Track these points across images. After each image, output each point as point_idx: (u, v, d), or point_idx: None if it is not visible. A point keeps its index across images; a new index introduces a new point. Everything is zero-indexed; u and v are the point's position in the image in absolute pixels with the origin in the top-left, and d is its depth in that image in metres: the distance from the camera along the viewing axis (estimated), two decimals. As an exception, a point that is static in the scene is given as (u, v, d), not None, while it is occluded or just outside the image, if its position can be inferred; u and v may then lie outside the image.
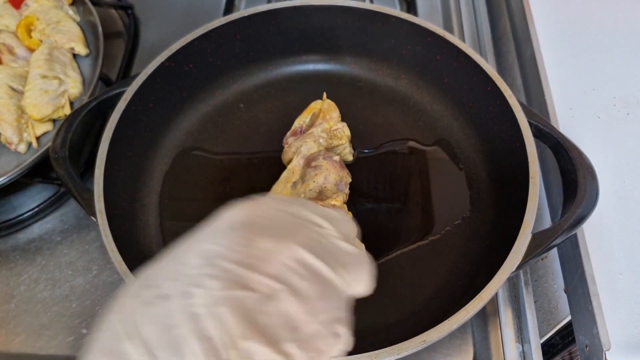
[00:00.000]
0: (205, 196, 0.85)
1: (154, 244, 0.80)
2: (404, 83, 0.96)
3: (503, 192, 0.80)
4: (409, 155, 0.89)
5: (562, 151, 0.73)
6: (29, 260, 0.85)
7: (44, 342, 0.77)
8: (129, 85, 0.82)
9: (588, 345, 0.67)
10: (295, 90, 0.97)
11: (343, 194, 0.78)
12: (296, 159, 0.83)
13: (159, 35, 1.14)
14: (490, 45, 1.05)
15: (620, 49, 0.94)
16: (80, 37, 0.99)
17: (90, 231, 0.87)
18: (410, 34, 0.90)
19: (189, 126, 0.93)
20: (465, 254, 0.78)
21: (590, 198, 0.67)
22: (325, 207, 0.45)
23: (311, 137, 0.84)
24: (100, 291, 0.81)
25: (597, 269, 0.69)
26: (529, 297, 0.77)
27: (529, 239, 0.66)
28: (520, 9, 1.01)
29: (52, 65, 0.93)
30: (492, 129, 0.83)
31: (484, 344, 0.76)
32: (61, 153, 0.74)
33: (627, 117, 0.86)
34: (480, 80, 0.83)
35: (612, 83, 0.89)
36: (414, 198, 0.84)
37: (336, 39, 0.97)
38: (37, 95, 0.89)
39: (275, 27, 0.94)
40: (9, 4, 1.03)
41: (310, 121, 0.88)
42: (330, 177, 0.79)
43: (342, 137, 0.85)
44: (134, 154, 0.83)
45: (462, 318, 0.61)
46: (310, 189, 0.79)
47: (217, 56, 0.93)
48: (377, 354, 0.58)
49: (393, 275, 0.76)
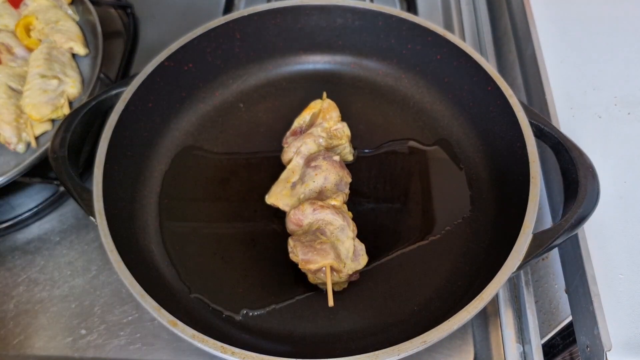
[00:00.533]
0: (205, 196, 0.85)
1: (153, 244, 0.79)
2: (404, 83, 0.96)
3: (503, 192, 0.80)
4: (409, 155, 0.89)
5: (562, 151, 0.72)
6: (27, 260, 0.84)
7: (43, 342, 0.77)
8: (129, 85, 0.82)
9: (589, 345, 0.67)
10: (295, 90, 0.97)
11: (343, 194, 0.78)
12: (296, 159, 0.83)
13: (159, 34, 1.14)
14: (490, 45, 1.05)
15: (621, 49, 0.93)
16: (79, 37, 0.99)
17: (89, 231, 0.87)
18: (411, 34, 0.90)
19: (189, 126, 0.92)
20: (466, 254, 0.78)
21: (591, 198, 0.67)
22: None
23: (311, 137, 0.84)
24: (99, 292, 0.81)
25: (598, 270, 0.69)
26: (530, 298, 0.76)
27: (529, 239, 0.65)
28: (521, 9, 1.00)
29: (51, 65, 0.93)
30: (493, 129, 0.83)
31: (485, 344, 0.76)
32: (60, 153, 0.74)
33: (628, 116, 0.85)
34: (481, 79, 0.83)
35: (613, 83, 0.89)
36: (414, 198, 0.84)
37: (336, 38, 0.96)
38: (36, 95, 0.88)
39: (275, 26, 0.94)
40: (7, 3, 1.02)
41: (310, 121, 0.88)
42: (330, 177, 0.79)
43: (342, 137, 0.85)
44: (133, 153, 0.83)
45: (463, 318, 0.61)
46: (310, 189, 0.78)
47: (217, 56, 0.93)
48: (377, 354, 0.58)
49: (393, 275, 0.76)
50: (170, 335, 0.76)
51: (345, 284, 0.74)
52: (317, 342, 0.71)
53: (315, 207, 0.74)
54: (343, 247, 0.72)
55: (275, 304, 0.74)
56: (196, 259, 0.78)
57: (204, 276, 0.77)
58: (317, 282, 0.73)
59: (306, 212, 0.74)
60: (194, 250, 0.79)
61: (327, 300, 0.68)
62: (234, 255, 0.79)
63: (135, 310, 0.79)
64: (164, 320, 0.62)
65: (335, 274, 0.71)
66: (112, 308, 0.79)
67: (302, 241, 0.71)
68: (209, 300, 0.74)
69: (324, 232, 0.73)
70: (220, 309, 0.74)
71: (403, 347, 0.59)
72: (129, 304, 0.79)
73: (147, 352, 0.75)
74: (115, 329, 0.77)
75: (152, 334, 0.76)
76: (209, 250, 0.79)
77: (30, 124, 0.88)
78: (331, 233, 0.73)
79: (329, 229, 0.73)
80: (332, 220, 0.73)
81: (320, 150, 0.83)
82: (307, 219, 0.74)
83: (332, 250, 0.70)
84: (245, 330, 0.72)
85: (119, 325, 0.77)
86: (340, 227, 0.73)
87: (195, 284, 0.76)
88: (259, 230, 0.81)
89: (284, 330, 0.72)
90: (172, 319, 0.62)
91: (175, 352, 0.75)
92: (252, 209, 0.83)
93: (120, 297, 0.80)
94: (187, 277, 0.76)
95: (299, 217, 0.75)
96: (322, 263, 0.69)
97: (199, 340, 0.61)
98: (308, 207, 0.74)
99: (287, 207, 0.79)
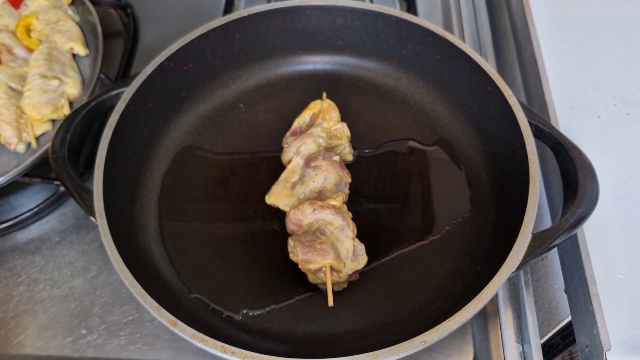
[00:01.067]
0: (205, 196, 0.85)
1: (153, 244, 0.79)
2: (404, 83, 0.96)
3: (503, 192, 0.80)
4: (409, 155, 0.89)
5: (562, 151, 0.73)
6: (28, 260, 0.85)
7: (43, 342, 0.77)
8: (129, 85, 0.82)
9: (588, 345, 0.67)
10: (295, 90, 0.97)
11: (343, 194, 0.78)
12: (296, 159, 0.83)
13: (159, 34, 1.14)
14: (490, 45, 1.05)
15: (621, 49, 0.93)
16: (79, 37, 0.99)
17: (89, 231, 0.87)
18: (410, 34, 0.90)
19: (189, 126, 0.93)
20: (466, 254, 0.78)
21: (591, 198, 0.67)
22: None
23: (311, 137, 0.84)
24: (100, 291, 0.81)
25: (598, 270, 0.69)
26: (529, 298, 0.76)
27: (529, 239, 0.65)
28: (521, 9, 1.00)
29: (52, 65, 0.93)
30: (492, 129, 0.83)
31: (484, 344, 0.76)
32: (60, 153, 0.74)
33: (627, 117, 0.85)
34: (480, 80, 0.83)
35: (612, 83, 0.89)
36: (414, 198, 0.84)
37: (336, 38, 0.97)
38: (37, 95, 0.88)
39: (275, 26, 0.94)
40: (8, 3, 1.02)
41: (310, 121, 0.88)
42: (330, 177, 0.79)
43: (342, 137, 0.85)
44: (133, 154, 0.83)
45: (462, 318, 0.61)
46: (310, 189, 0.78)
47: (217, 56, 0.93)
48: (377, 354, 0.58)
49: (393, 275, 0.76)
50: (171, 335, 0.76)
51: (345, 284, 0.74)
52: (317, 342, 0.71)
53: (315, 207, 0.74)
54: (343, 247, 0.72)
55: (275, 304, 0.74)
56: (196, 259, 0.78)
57: (203, 276, 0.77)
58: (316, 282, 0.74)
59: (306, 212, 0.74)
60: (194, 250, 0.79)
61: (327, 300, 0.68)
62: (233, 255, 0.79)
63: (136, 310, 0.79)
64: (164, 320, 0.62)
65: (335, 274, 0.71)
66: (112, 308, 0.79)
67: (302, 241, 0.71)
68: (209, 300, 0.74)
69: (324, 232, 0.73)
70: (220, 309, 0.74)
71: (403, 347, 0.59)
72: (129, 304, 0.79)
73: (147, 352, 0.75)
74: (115, 329, 0.77)
75: (152, 334, 0.77)
76: (208, 250, 0.79)
77: (30, 124, 0.88)
78: (331, 233, 0.73)
79: (329, 229, 0.73)
80: (332, 220, 0.73)
81: (320, 151, 0.83)
82: (307, 219, 0.74)
83: (332, 250, 0.70)
84: (245, 330, 0.72)
85: (119, 325, 0.78)
86: (340, 227, 0.73)
87: (195, 283, 0.76)
88: (259, 230, 0.81)
89: (284, 330, 0.72)
90: (172, 318, 0.62)
91: (175, 352, 0.75)
92: (252, 209, 0.83)
93: (120, 297, 0.80)
94: (187, 277, 0.77)
95: (299, 217, 0.75)
96: (322, 263, 0.69)
97: (199, 340, 0.61)
98: (308, 207, 0.74)
99: (287, 207, 0.79)
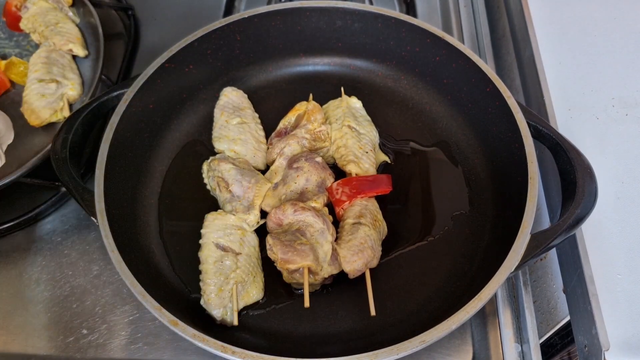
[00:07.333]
0: (205, 196, 0.85)
1: (154, 244, 0.80)
2: (404, 84, 0.96)
3: (502, 193, 0.80)
4: (408, 156, 0.89)
5: (560, 152, 0.73)
6: (29, 260, 0.85)
7: (45, 342, 0.77)
8: (130, 87, 0.82)
9: (587, 345, 0.67)
10: (295, 92, 0.97)
11: (324, 195, 0.78)
12: (279, 160, 0.83)
13: (159, 36, 1.14)
14: (489, 47, 1.06)
15: (619, 50, 0.94)
16: (78, 39, 0.99)
17: (90, 232, 0.87)
18: (410, 36, 0.91)
19: (189, 127, 0.93)
20: (464, 255, 0.78)
21: (589, 198, 0.67)
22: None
23: (294, 139, 0.84)
24: (101, 291, 0.81)
25: (596, 270, 0.69)
26: (528, 298, 0.77)
27: (527, 239, 0.66)
28: (519, 10, 1.01)
29: (50, 68, 0.93)
30: (491, 130, 0.84)
31: (483, 344, 0.76)
32: (62, 154, 0.74)
33: (626, 117, 0.86)
34: (479, 81, 0.83)
35: (611, 84, 0.90)
36: (413, 198, 0.84)
37: (336, 40, 0.97)
38: (35, 100, 0.89)
39: (275, 28, 0.94)
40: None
41: (295, 122, 0.88)
42: (312, 178, 0.79)
43: (326, 140, 0.85)
44: (134, 154, 0.84)
45: (461, 318, 0.61)
46: (291, 190, 0.79)
47: (217, 57, 0.93)
48: (377, 353, 0.59)
49: (393, 275, 0.77)
50: (171, 334, 0.76)
51: (318, 286, 0.75)
52: (317, 342, 0.72)
53: (297, 208, 0.74)
54: (322, 250, 0.72)
55: (275, 304, 0.75)
56: (197, 258, 0.79)
57: (204, 276, 0.77)
58: (291, 282, 0.74)
59: (287, 212, 0.74)
60: (194, 250, 0.79)
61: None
62: (234, 255, 0.79)
63: (137, 310, 0.79)
64: (165, 320, 0.62)
65: (312, 276, 0.71)
66: (114, 308, 0.79)
67: (282, 240, 0.72)
68: (209, 300, 0.75)
69: (304, 234, 0.73)
70: (221, 308, 0.74)
71: (402, 346, 0.59)
72: (130, 303, 0.80)
73: (148, 352, 0.75)
74: (116, 329, 0.78)
75: (153, 334, 0.77)
76: (209, 251, 0.79)
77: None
78: (311, 235, 0.73)
79: (309, 231, 0.73)
80: (313, 222, 0.73)
81: (303, 152, 0.83)
82: (287, 219, 0.75)
83: (312, 252, 0.70)
84: (245, 330, 0.72)
85: (120, 325, 0.78)
86: (320, 231, 0.73)
87: (195, 283, 0.76)
88: (258, 230, 0.81)
89: (284, 330, 0.73)
90: (173, 318, 0.62)
91: (176, 352, 0.75)
92: (253, 210, 0.83)
93: (121, 297, 0.80)
94: (188, 277, 0.77)
95: (280, 216, 0.75)
96: (301, 264, 0.69)
97: (200, 339, 0.61)
98: (289, 207, 0.74)
99: (268, 208, 0.79)
